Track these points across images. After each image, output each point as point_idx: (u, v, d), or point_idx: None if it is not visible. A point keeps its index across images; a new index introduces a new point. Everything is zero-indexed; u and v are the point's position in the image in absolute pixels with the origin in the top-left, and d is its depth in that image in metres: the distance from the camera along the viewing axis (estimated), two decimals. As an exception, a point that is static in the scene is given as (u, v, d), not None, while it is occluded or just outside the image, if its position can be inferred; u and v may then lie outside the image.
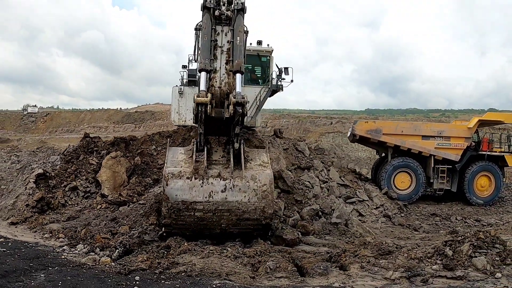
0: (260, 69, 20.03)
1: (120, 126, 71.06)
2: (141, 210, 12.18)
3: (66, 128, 71.42)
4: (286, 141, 18.24)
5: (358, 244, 9.44)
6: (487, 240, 8.37)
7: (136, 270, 7.12)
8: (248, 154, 10.62)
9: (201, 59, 10.47)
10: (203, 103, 9.35)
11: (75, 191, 14.10)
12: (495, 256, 8.02)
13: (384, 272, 7.54)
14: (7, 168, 16.89)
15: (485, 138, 20.50)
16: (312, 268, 7.68)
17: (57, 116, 76.79)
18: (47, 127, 72.03)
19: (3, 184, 15.29)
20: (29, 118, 74.95)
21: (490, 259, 7.87)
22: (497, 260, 7.92)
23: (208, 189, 9.51)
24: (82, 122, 74.33)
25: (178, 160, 10.18)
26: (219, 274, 7.09)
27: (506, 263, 7.87)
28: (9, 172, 16.02)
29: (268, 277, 7.27)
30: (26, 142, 43.69)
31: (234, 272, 7.22)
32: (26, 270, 6.92)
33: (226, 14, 11.26)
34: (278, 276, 7.31)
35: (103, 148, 16.08)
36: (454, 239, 8.56)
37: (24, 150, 23.16)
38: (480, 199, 19.72)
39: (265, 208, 9.77)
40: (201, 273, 7.09)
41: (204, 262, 7.62)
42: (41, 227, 11.44)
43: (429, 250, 8.42)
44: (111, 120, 74.78)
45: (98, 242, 9.56)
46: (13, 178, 15.50)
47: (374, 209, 16.78)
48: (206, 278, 6.85)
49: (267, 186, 9.77)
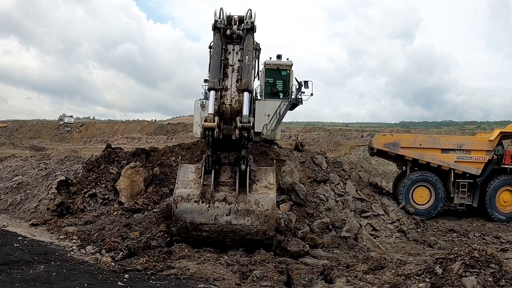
0: (280, 82, 20.64)
1: (153, 138, 73.07)
2: (153, 218, 12.88)
3: (100, 138, 73.99)
4: (304, 154, 18.60)
5: (362, 259, 9.57)
6: (481, 259, 8.07)
7: (131, 270, 7.73)
8: (255, 174, 11.21)
9: (211, 78, 11.03)
10: (210, 127, 9.94)
11: (94, 197, 15.00)
12: (488, 277, 7.71)
13: (369, 287, 7.66)
14: (34, 174, 18.07)
15: (507, 151, 19.86)
16: (298, 279, 8.00)
17: (91, 126, 79.94)
18: (81, 137, 75.00)
19: (28, 189, 16.43)
20: (64, 128, 78.41)
21: (482, 280, 7.57)
22: (489, 280, 7.62)
23: (214, 212, 10.32)
24: (116, 132, 76.93)
25: (188, 180, 10.91)
26: (207, 279, 7.57)
27: (500, 285, 7.57)
28: (35, 178, 17.18)
29: (253, 285, 7.65)
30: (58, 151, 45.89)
31: (222, 278, 7.67)
32: (29, 262, 7.71)
33: (238, 33, 11.78)
34: (263, 284, 7.68)
35: (124, 158, 17.00)
36: (446, 257, 8.32)
37: (53, 158, 24.50)
38: (502, 215, 19.18)
39: (266, 231, 10.49)
40: (190, 277, 7.59)
41: (197, 268, 8.14)
42: (58, 229, 12.34)
43: (419, 267, 8.40)
44: (144, 131, 77.10)
45: (107, 245, 10.28)
46: (38, 184, 16.63)
47: (389, 224, 16.75)
48: (193, 281, 7.35)
49: (269, 211, 10.43)
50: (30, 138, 77.30)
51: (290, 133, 54.79)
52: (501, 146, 20.27)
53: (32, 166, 20.62)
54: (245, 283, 7.72)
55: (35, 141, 72.50)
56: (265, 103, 20.04)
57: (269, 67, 20.19)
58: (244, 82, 10.90)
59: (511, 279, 7.57)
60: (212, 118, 10.10)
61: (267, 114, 19.79)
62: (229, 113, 10.88)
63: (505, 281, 7.58)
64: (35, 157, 29.15)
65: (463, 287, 7.36)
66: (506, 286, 7.50)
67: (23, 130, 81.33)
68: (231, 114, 10.87)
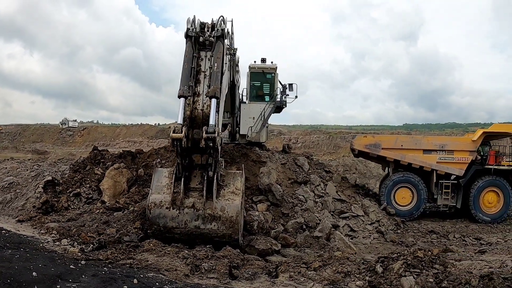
0: (265, 86, 21.40)
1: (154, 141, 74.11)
2: (131, 216, 13.68)
3: (102, 142, 75.10)
4: (286, 156, 19.31)
5: (326, 258, 10.03)
6: (425, 260, 8.18)
7: (93, 259, 8.50)
8: (224, 179, 12.04)
9: (180, 85, 11.69)
10: (177, 139, 10.82)
11: (78, 197, 15.85)
12: (430, 277, 7.74)
13: (308, 283, 8.09)
14: (26, 175, 19.05)
15: (492, 151, 20.14)
16: (242, 273, 8.68)
17: (93, 130, 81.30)
18: (84, 141, 76.30)
19: (18, 189, 17.43)
20: (67, 131, 79.94)
21: (423, 280, 7.61)
22: (430, 281, 7.64)
23: (184, 218, 11.32)
24: (118, 136, 78.17)
25: (161, 185, 11.87)
26: (159, 269, 8.30)
27: (442, 286, 7.57)
28: (25, 179, 18.15)
29: (200, 277, 8.36)
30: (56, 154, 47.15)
31: (174, 269, 8.37)
32: (1, 247, 8.49)
33: (210, 40, 12.54)
34: (209, 276, 8.40)
35: (109, 160, 17.85)
36: (389, 256, 8.55)
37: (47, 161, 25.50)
38: (487, 216, 19.48)
39: (232, 235, 11.42)
40: (144, 267, 8.34)
41: (156, 259, 8.92)
42: (41, 225, 13.14)
43: (361, 265, 8.74)
44: (145, 135, 78.23)
45: (83, 239, 11.08)
46: (27, 184, 17.59)
47: (368, 225, 17.14)
48: (144, 270, 8.09)
49: (234, 217, 11.33)
50: (33, 142, 78.80)
51: (290, 136, 55.63)
52: (489, 147, 20.51)
53: (26, 168, 21.64)
54: (194, 275, 8.42)
55: (37, 145, 73.94)
56: (251, 106, 20.84)
57: (254, 71, 20.99)
58: (212, 89, 11.56)
59: (454, 281, 7.63)
60: (180, 129, 10.97)
61: (252, 117, 20.57)
62: (201, 118, 11.68)
63: (448, 282, 7.63)
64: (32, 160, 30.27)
65: (401, 287, 7.50)
66: (448, 287, 7.52)
67: (26, 134, 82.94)
68: (203, 119, 11.65)
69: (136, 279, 7.13)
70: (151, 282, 7.27)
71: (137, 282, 7.02)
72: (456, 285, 7.44)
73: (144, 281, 7.21)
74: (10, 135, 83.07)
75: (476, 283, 7.33)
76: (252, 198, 16.00)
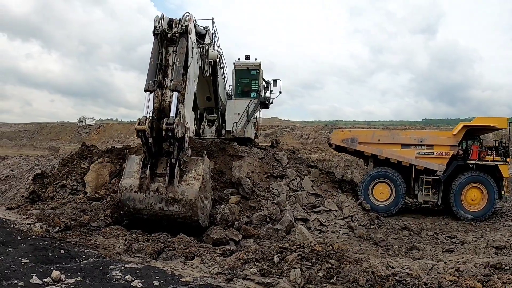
0: (250, 82, 23.00)
1: (169, 138, 76.54)
2: (105, 205, 15.57)
3: (118, 139, 78.17)
4: (265, 151, 20.84)
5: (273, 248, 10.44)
6: (321, 253, 8.61)
7: (48, 237, 10.24)
8: (187, 165, 13.71)
9: (146, 80, 13.38)
10: (141, 130, 12.57)
11: (64, 188, 17.86)
12: (320, 272, 8.12)
13: (214, 267, 8.96)
14: (22, 169, 21.28)
15: (474, 146, 20.06)
16: (161, 254, 10.16)
17: (109, 128, 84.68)
18: (99, 138, 79.63)
19: (13, 181, 19.67)
20: (83, 129, 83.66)
21: (313, 274, 8.03)
22: (319, 276, 8.02)
23: (150, 200, 13.06)
24: (133, 133, 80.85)
25: (132, 171, 13.64)
26: (97, 247, 9.91)
27: (330, 282, 7.87)
28: (20, 172, 20.37)
29: (129, 255, 9.81)
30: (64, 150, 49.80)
31: (110, 248, 9.91)
32: (-26, 227, 10.40)
33: (176, 36, 14.11)
34: (136, 255, 9.71)
35: (96, 155, 19.83)
36: (288, 248, 9.24)
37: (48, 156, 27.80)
38: (469, 213, 19.44)
39: (192, 216, 13.06)
40: (87, 245, 9.93)
41: (103, 240, 10.61)
42: (26, 212, 15.05)
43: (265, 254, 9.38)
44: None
45: (55, 223, 12.92)
46: (21, 177, 19.78)
47: (340, 220, 17.94)
48: (84, 247, 9.67)
49: (193, 201, 12.94)
50: (50, 139, 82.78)
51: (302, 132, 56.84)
52: (478, 141, 20.38)
53: (27, 163, 23.92)
54: (125, 254, 9.92)
55: (54, 143, 77.67)
56: (236, 102, 22.50)
57: (239, 68, 22.64)
58: (173, 83, 13.30)
59: (344, 278, 7.99)
60: (144, 121, 12.70)
61: (237, 113, 22.22)
62: (169, 110, 13.36)
63: (337, 278, 7.99)
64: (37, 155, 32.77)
65: (288, 277, 8.11)
66: (336, 284, 7.89)
67: (43, 132, 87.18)
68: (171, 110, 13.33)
69: (63, 250, 8.71)
70: (77, 254, 8.78)
71: (64, 252, 8.60)
72: (344, 282, 7.84)
73: (71, 253, 8.74)
74: (28, 133, 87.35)
75: (364, 283, 7.65)
76: (224, 190, 17.53)
